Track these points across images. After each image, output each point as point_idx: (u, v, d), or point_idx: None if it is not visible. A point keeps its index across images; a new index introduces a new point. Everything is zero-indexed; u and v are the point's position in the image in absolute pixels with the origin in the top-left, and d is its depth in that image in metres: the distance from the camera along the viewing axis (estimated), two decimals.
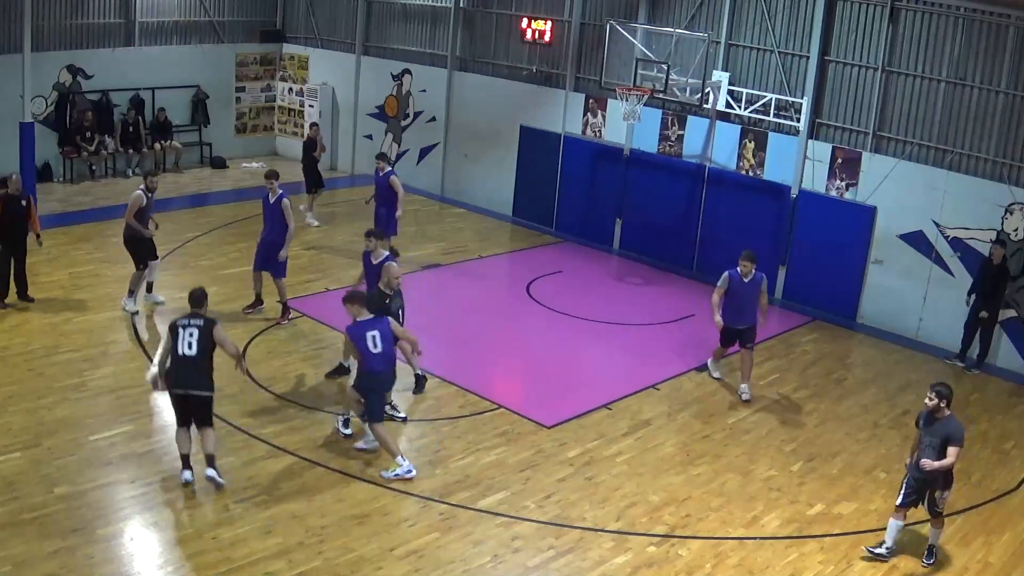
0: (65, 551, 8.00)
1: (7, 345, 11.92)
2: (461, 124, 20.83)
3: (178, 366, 9.24)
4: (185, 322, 9.33)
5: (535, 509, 9.36)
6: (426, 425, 10.89)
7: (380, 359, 9.69)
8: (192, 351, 9.20)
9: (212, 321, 9.43)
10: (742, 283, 11.90)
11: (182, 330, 9.26)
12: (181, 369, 9.23)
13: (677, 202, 17.43)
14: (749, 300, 12.04)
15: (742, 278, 11.89)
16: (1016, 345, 13.96)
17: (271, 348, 12.61)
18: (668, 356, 13.49)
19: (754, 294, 12.01)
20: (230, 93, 23.33)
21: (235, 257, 16.14)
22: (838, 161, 15.45)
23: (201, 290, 9.57)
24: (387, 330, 9.78)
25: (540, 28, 18.71)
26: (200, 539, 8.36)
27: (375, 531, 8.76)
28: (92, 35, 20.65)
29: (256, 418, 10.63)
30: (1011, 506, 10.18)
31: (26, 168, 17.48)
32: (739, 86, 16.24)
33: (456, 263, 16.51)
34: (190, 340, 9.23)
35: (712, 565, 8.69)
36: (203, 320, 9.35)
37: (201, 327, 9.28)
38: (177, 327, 9.29)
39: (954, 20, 14.10)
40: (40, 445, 9.66)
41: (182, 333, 9.25)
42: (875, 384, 13.20)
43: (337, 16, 22.98)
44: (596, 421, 11.34)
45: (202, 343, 9.23)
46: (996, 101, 13.86)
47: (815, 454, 10.96)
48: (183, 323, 9.32)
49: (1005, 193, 13.78)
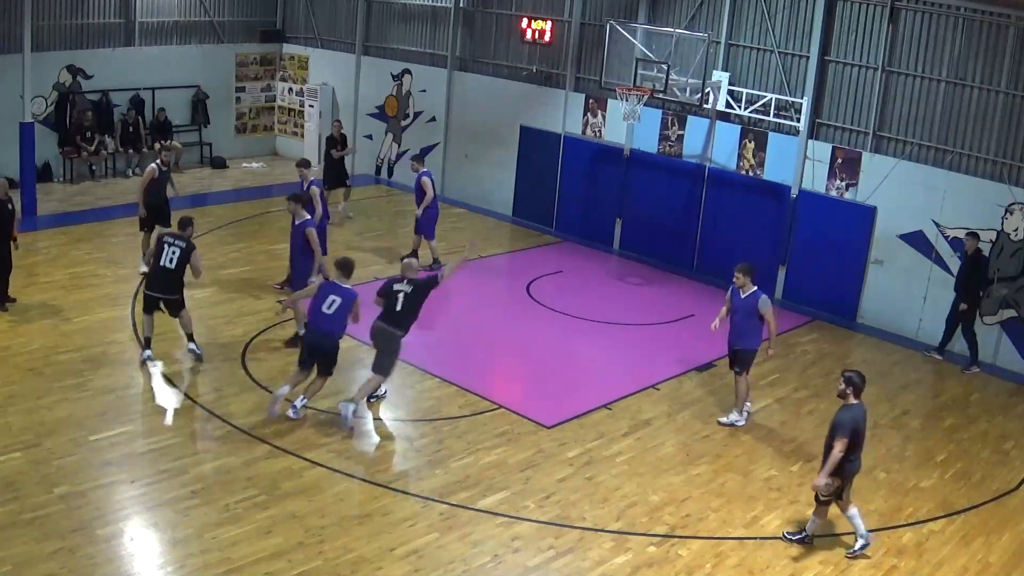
0: (65, 551, 8.00)
1: (7, 345, 11.92)
2: (461, 124, 20.83)
3: (157, 274, 11.43)
4: (171, 240, 11.49)
5: (535, 509, 9.36)
6: (426, 425, 10.89)
7: (323, 319, 10.45)
8: (171, 265, 11.36)
9: (192, 245, 11.48)
10: (740, 298, 11.24)
11: (167, 246, 11.40)
12: (159, 277, 11.43)
13: (677, 202, 17.44)
14: (745, 319, 11.16)
15: (739, 292, 11.30)
16: (1016, 345, 13.96)
17: (271, 348, 12.60)
18: (668, 356, 13.49)
19: (751, 313, 11.11)
20: (230, 93, 23.35)
21: (235, 257, 16.14)
22: (838, 161, 15.46)
23: (188, 218, 11.77)
24: (349, 302, 10.52)
25: (540, 28, 18.71)
26: (200, 539, 8.36)
27: (375, 531, 8.76)
28: (92, 35, 20.66)
29: (256, 418, 10.62)
30: (1011, 506, 10.18)
31: (26, 168, 17.51)
32: (739, 86, 16.24)
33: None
34: (172, 256, 11.34)
35: (712, 565, 8.70)
36: (185, 243, 11.44)
37: (183, 248, 11.39)
38: (163, 243, 11.45)
39: (954, 20, 14.10)
40: (40, 445, 9.66)
41: (167, 249, 11.38)
42: (875, 384, 13.12)
43: (337, 16, 22.99)
44: (596, 421, 11.34)
45: (181, 260, 11.36)
46: (996, 101, 13.86)
47: (815, 454, 10.90)
48: (168, 240, 11.49)
49: (1005, 193, 13.78)
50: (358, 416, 10.69)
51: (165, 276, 11.43)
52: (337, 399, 10.85)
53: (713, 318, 11.80)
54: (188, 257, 11.42)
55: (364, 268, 15.78)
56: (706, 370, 13.08)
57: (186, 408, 10.83)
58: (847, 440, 8.45)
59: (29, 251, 15.46)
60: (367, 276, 15.52)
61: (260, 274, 15.29)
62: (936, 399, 12.85)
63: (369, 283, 15.33)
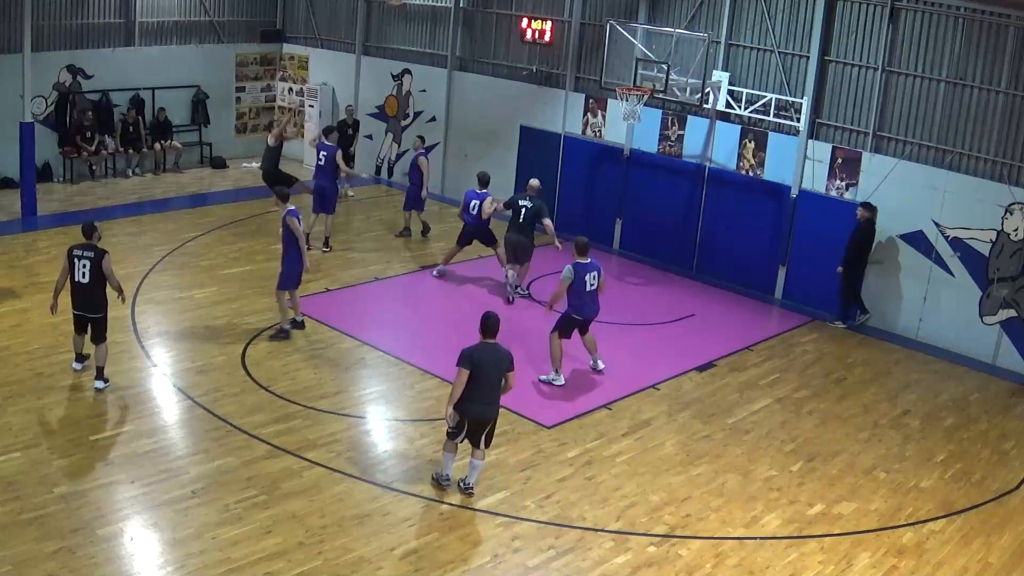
0: (65, 551, 8.00)
1: (7, 345, 11.92)
2: (461, 124, 20.83)
3: (75, 291, 10.74)
4: (79, 252, 10.69)
5: (535, 509, 9.36)
6: (426, 425, 10.89)
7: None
8: (86, 279, 10.61)
9: (102, 251, 10.71)
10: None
11: (77, 260, 10.65)
12: (78, 293, 10.74)
13: (677, 202, 17.43)
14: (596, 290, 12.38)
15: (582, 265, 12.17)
16: (1016, 345, 13.96)
17: (271, 348, 12.60)
18: (668, 356, 13.49)
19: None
20: (230, 93, 23.34)
21: (235, 257, 16.14)
22: (838, 161, 15.45)
23: (89, 223, 10.88)
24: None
25: (540, 28, 18.69)
26: (200, 539, 8.36)
27: (375, 531, 8.76)
28: (92, 35, 20.65)
29: (256, 418, 10.63)
30: (1011, 506, 10.18)
31: (26, 168, 17.50)
32: (739, 86, 16.24)
33: (456, 263, 16.48)
34: (83, 269, 10.61)
35: (712, 565, 8.70)
36: (94, 251, 10.65)
37: (92, 259, 10.60)
38: (73, 256, 10.67)
39: (954, 20, 14.10)
40: (40, 445, 9.67)
41: (77, 263, 10.64)
42: (875, 384, 13.20)
43: (337, 16, 22.98)
44: (596, 421, 11.34)
45: (94, 272, 10.58)
46: (996, 101, 13.86)
47: (815, 454, 10.96)
48: (77, 253, 10.68)
49: (1005, 193, 13.78)
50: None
51: (83, 293, 10.74)
52: (337, 397, 10.80)
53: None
54: (99, 266, 10.64)
55: (364, 268, 15.84)
56: (706, 370, 13.08)
57: (186, 408, 10.83)
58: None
59: (29, 251, 15.46)
60: (367, 276, 15.56)
61: (260, 274, 15.28)
62: (936, 399, 12.85)
63: (369, 283, 15.39)
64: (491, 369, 9.10)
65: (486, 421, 9.33)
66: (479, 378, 9.02)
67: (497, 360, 9.14)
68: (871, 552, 9.06)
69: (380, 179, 22.48)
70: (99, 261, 10.63)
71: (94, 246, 10.77)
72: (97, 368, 10.95)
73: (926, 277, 14.67)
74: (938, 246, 14.52)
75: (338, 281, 15.36)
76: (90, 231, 10.83)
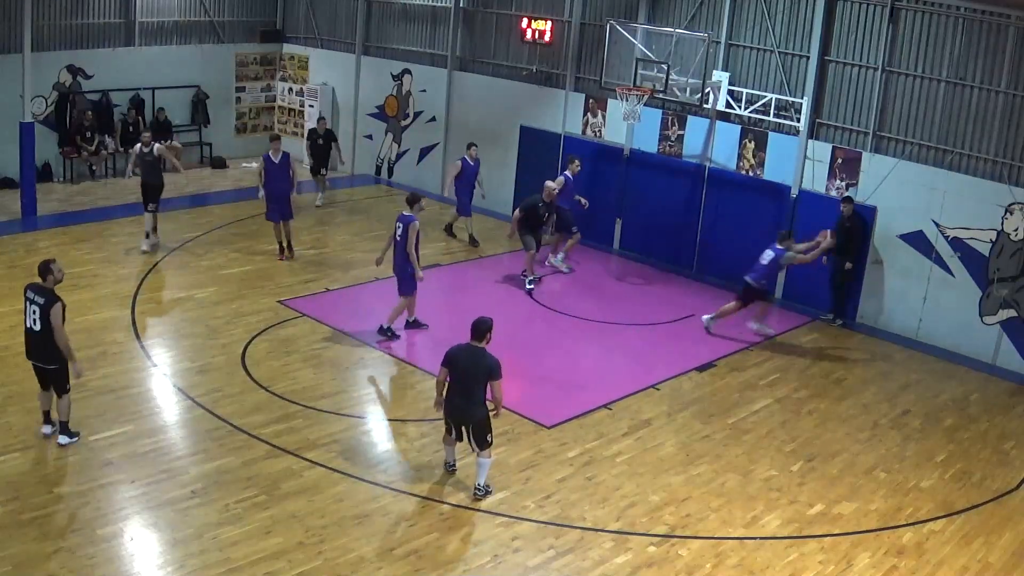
0: (65, 551, 8.00)
1: (7, 345, 11.91)
2: (461, 124, 20.81)
3: (27, 338, 9.48)
4: (31, 296, 9.34)
5: (535, 509, 9.36)
6: (426, 425, 10.89)
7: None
8: (37, 327, 9.30)
9: (54, 299, 9.24)
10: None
11: (28, 304, 9.34)
12: (30, 341, 9.48)
13: (677, 202, 17.43)
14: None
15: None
16: (1016, 345, 13.96)
17: (271, 348, 12.60)
18: (668, 356, 13.49)
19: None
20: (230, 93, 23.33)
21: (235, 257, 16.13)
22: (838, 161, 15.45)
23: (44, 262, 9.41)
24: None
25: (540, 28, 18.69)
26: (200, 539, 8.36)
27: (375, 531, 8.76)
28: (92, 35, 20.65)
29: (256, 418, 10.63)
30: (1011, 506, 10.18)
31: (26, 168, 17.51)
32: (739, 86, 16.24)
33: (456, 263, 16.50)
34: (34, 316, 9.31)
35: (712, 565, 8.70)
36: (44, 298, 9.24)
37: (42, 305, 9.22)
38: (25, 299, 9.37)
39: (954, 20, 14.10)
40: (40, 445, 9.66)
41: (28, 307, 9.33)
42: (875, 384, 13.20)
43: (337, 16, 22.98)
44: (596, 421, 11.34)
45: (44, 320, 9.22)
46: (996, 101, 13.85)
47: (815, 454, 10.96)
48: (29, 296, 9.36)
49: (1005, 193, 13.78)
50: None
51: (35, 341, 9.39)
52: (339, 392, 10.80)
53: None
54: (48, 315, 9.15)
55: (363, 268, 15.81)
56: (706, 370, 13.08)
57: (186, 408, 10.83)
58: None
59: (29, 251, 15.47)
60: (366, 276, 15.54)
61: (260, 274, 15.29)
62: (936, 399, 12.85)
63: (369, 283, 15.37)
64: (466, 370, 9.17)
65: (461, 421, 9.39)
66: (453, 377, 9.25)
67: (473, 363, 9.15)
68: (871, 552, 9.06)
69: (380, 179, 22.47)
70: (47, 309, 9.15)
71: (47, 290, 9.31)
72: (60, 423, 9.66)
73: (926, 277, 14.67)
74: (938, 246, 14.52)
75: (338, 281, 15.37)
76: (44, 272, 9.33)
